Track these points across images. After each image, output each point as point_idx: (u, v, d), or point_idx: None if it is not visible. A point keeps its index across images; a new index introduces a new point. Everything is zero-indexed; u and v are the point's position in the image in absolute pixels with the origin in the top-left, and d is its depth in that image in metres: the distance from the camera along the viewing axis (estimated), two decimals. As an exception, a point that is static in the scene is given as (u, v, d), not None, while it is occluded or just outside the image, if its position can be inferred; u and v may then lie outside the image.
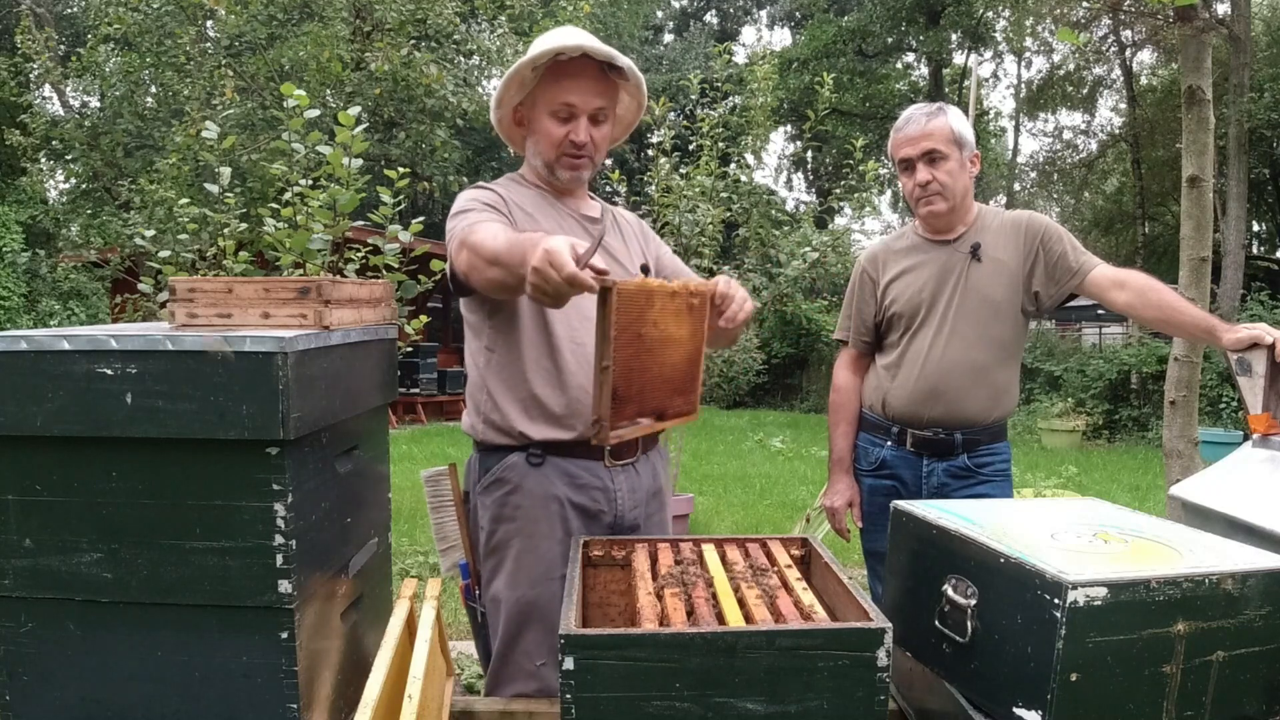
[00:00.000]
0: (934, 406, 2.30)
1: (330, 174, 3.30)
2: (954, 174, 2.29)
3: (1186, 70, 3.53)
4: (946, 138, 2.27)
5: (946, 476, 2.32)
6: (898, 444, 2.37)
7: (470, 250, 1.60)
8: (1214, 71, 3.97)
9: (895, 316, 2.38)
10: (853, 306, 2.51)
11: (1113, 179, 23.81)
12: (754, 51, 6.57)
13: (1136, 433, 12.19)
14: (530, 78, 1.79)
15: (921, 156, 2.28)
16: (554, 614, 1.76)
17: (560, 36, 1.78)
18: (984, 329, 2.30)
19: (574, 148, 1.81)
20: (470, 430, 1.90)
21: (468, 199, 1.80)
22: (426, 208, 13.87)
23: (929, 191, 2.29)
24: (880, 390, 2.40)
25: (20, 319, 15.07)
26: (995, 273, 2.31)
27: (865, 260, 2.51)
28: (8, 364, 1.31)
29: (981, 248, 2.32)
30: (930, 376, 2.29)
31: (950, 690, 1.37)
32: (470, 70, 8.97)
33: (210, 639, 1.34)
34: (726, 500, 7.65)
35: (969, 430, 2.31)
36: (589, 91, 1.78)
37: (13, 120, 9.18)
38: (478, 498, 1.86)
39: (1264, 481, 1.69)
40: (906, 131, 2.31)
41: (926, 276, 2.36)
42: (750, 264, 5.74)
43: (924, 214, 2.34)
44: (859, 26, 22.62)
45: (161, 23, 7.76)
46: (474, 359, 1.89)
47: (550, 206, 1.88)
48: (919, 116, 2.31)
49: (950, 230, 2.37)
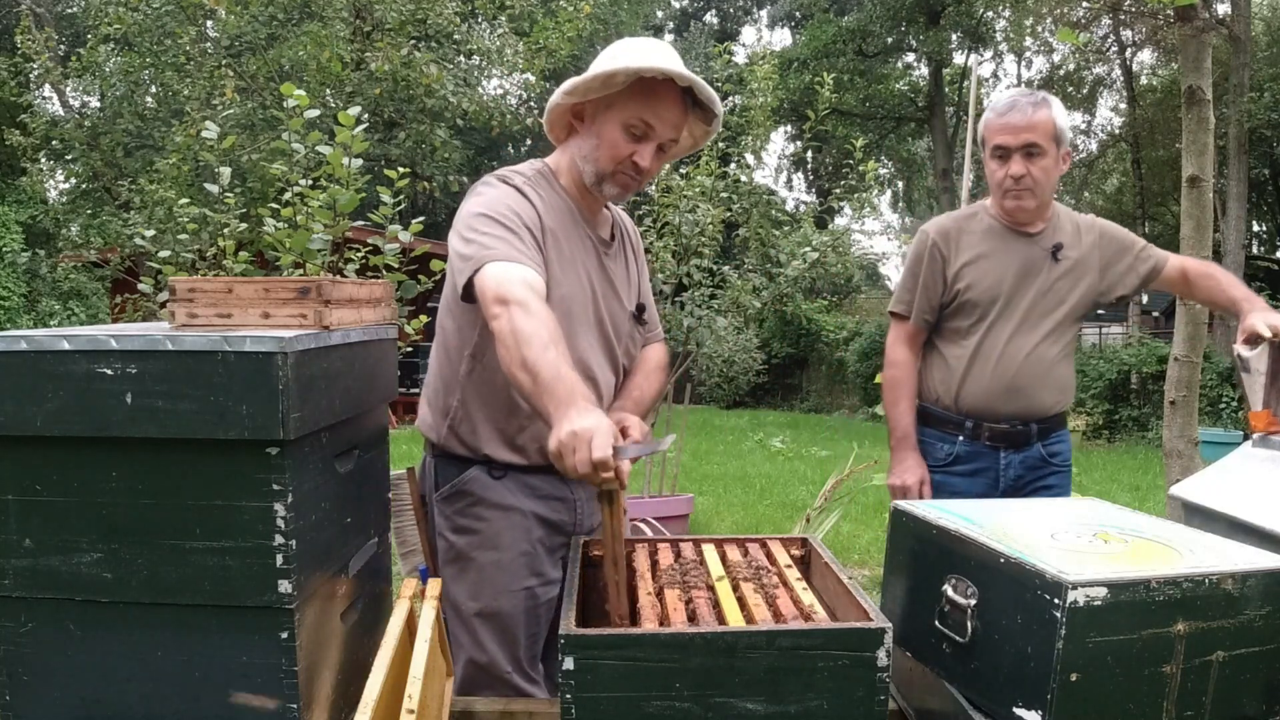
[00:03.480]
0: (1012, 401, 2.29)
1: (330, 174, 3.30)
2: (1048, 171, 2.24)
3: (1186, 70, 3.53)
4: (1049, 133, 2.21)
5: (1023, 469, 2.33)
6: (972, 438, 2.33)
7: (510, 333, 1.45)
8: (1214, 71, 3.97)
9: (969, 304, 2.32)
10: (918, 281, 2.39)
11: (1113, 179, 23.82)
12: (754, 51, 6.57)
13: (1136, 433, 12.18)
14: (619, 82, 1.65)
15: (1021, 148, 2.21)
16: (517, 624, 1.76)
17: (667, 58, 1.66)
18: (1055, 327, 2.31)
19: (634, 169, 1.71)
20: (430, 432, 1.84)
21: (502, 204, 1.66)
22: (426, 208, 13.87)
23: (1021, 186, 2.23)
24: (950, 383, 2.34)
25: (20, 319, 15.07)
26: (1074, 275, 2.32)
27: (935, 234, 2.39)
28: (8, 364, 1.31)
29: (1063, 249, 2.31)
30: (1008, 372, 2.28)
31: (950, 690, 1.37)
32: (470, 70, 8.96)
33: (210, 639, 1.34)
34: (726, 500, 7.65)
35: (1042, 421, 2.33)
36: (671, 121, 1.70)
37: (13, 120, 9.18)
38: (437, 505, 1.82)
39: (1264, 481, 1.69)
40: (1010, 119, 2.22)
41: (1006, 268, 2.31)
42: (750, 264, 5.74)
43: (1011, 207, 2.29)
44: (859, 26, 22.61)
45: (161, 23, 7.76)
46: (449, 359, 1.81)
47: (575, 226, 1.78)
48: (1024, 104, 2.22)
49: (1032, 224, 2.33)
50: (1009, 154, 2.23)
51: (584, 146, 1.74)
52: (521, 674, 1.77)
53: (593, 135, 1.72)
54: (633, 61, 1.62)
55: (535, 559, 1.79)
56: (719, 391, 14.94)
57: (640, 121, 1.68)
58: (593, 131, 1.72)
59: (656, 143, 1.70)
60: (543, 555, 1.80)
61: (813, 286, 7.96)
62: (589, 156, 1.73)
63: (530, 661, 1.80)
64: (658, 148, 1.72)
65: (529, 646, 1.79)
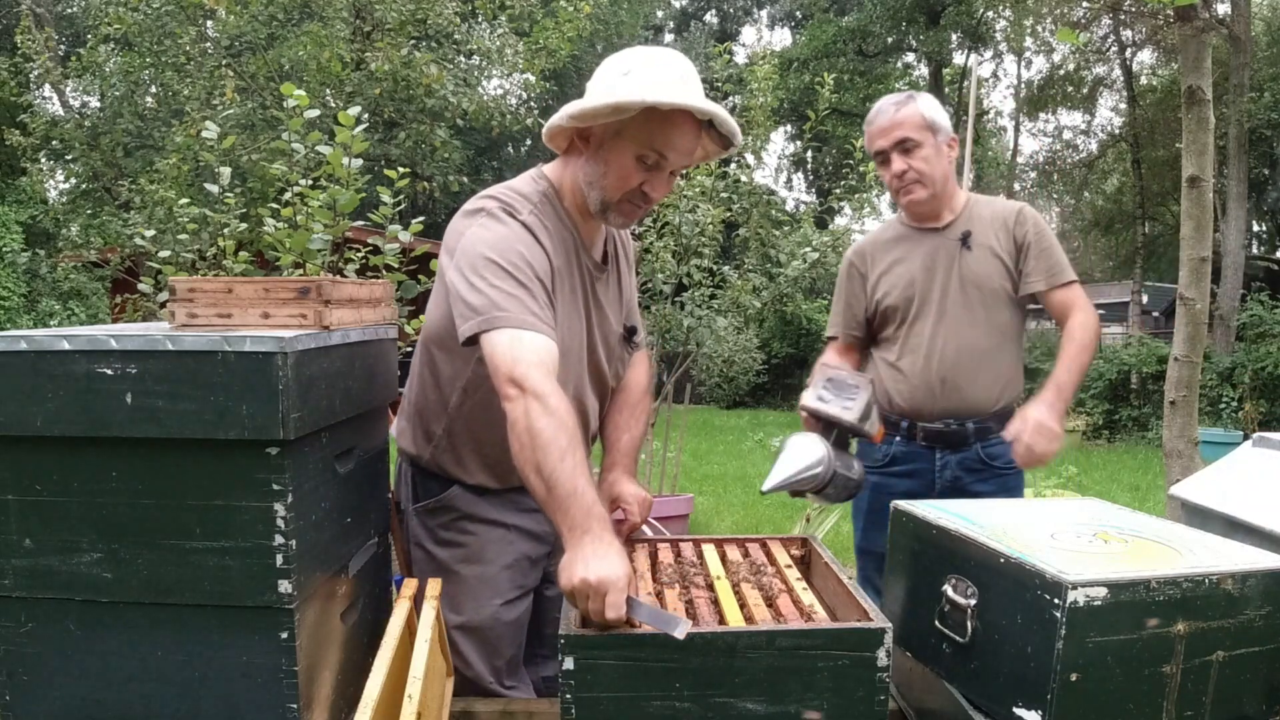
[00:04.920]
0: (943, 396, 2.27)
1: (330, 174, 3.30)
2: (930, 160, 2.25)
3: (1186, 70, 3.52)
4: (917, 124, 2.23)
5: (960, 470, 2.29)
6: (908, 438, 2.32)
7: (526, 430, 1.37)
8: (1214, 71, 3.97)
9: (889, 309, 2.35)
10: (842, 302, 2.46)
11: (1113, 179, 23.80)
12: (754, 52, 6.56)
13: (1136, 433, 12.18)
14: (632, 107, 1.52)
15: (895, 146, 2.24)
16: (500, 638, 1.75)
17: (684, 86, 1.55)
18: (982, 315, 2.28)
19: (643, 199, 1.62)
20: (410, 447, 1.80)
21: (513, 250, 1.53)
22: (426, 208, 13.85)
23: (906, 180, 2.26)
24: (883, 384, 2.35)
25: (20, 319, 15.06)
26: (986, 260, 2.29)
27: (852, 255, 2.47)
28: (8, 364, 1.31)
29: (972, 235, 2.30)
30: (935, 365, 2.27)
31: (950, 690, 1.37)
32: (470, 70, 8.95)
33: (210, 639, 1.34)
34: (726, 500, 7.65)
35: (979, 419, 2.28)
36: (685, 149, 1.60)
37: (13, 120, 9.17)
38: (417, 515, 1.80)
39: (1264, 481, 1.69)
40: (878, 123, 2.28)
41: (916, 265, 2.32)
42: (750, 264, 5.73)
43: (905, 203, 2.31)
44: (859, 26, 22.61)
45: (161, 23, 7.74)
46: (437, 386, 1.74)
47: (575, 257, 1.68)
48: (888, 107, 2.27)
49: (936, 217, 2.34)
50: (888, 155, 2.27)
51: (591, 172, 1.62)
52: (501, 685, 1.77)
53: (600, 162, 1.60)
54: (648, 93, 1.50)
55: (519, 572, 1.78)
56: (719, 391, 14.93)
57: (654, 151, 1.57)
58: (600, 158, 1.60)
59: (669, 170, 1.61)
60: (526, 567, 1.78)
61: (813, 286, 7.94)
62: (595, 183, 1.61)
63: (510, 670, 1.79)
64: (670, 173, 1.63)
65: (511, 657, 1.79)
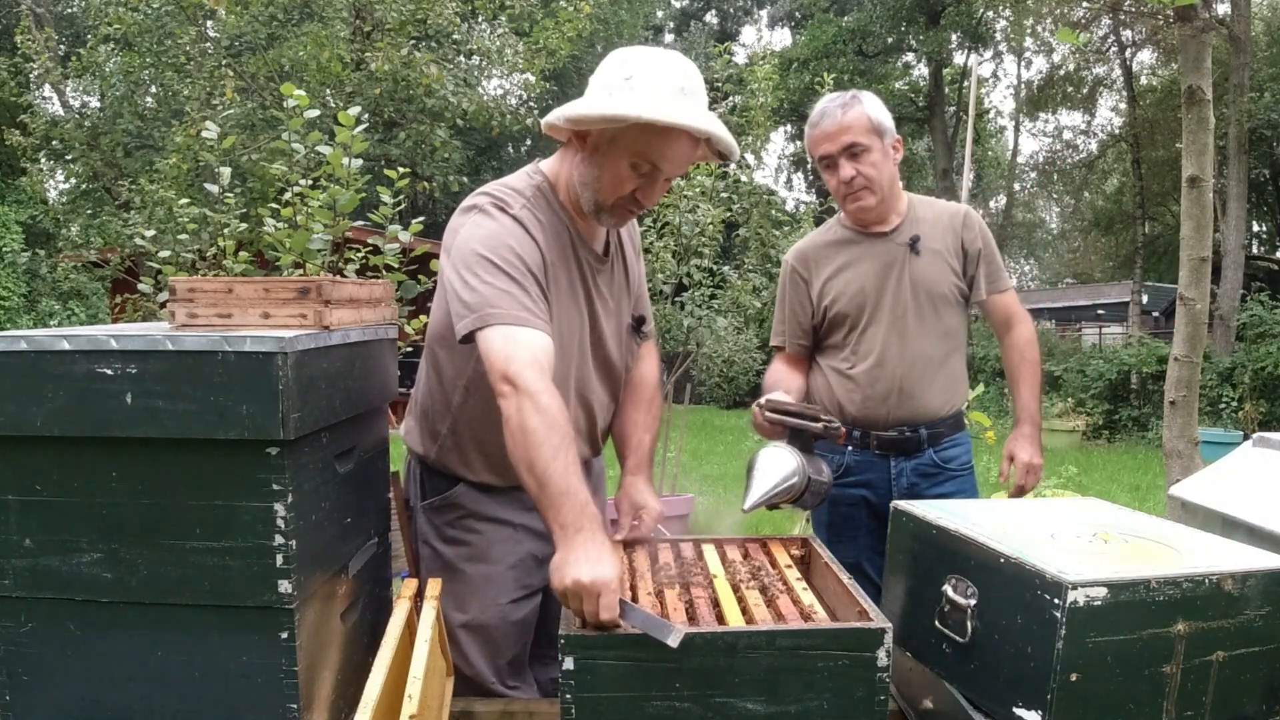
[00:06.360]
0: (898, 405, 2.22)
1: (330, 174, 3.30)
2: (878, 165, 2.19)
3: (1186, 70, 3.52)
4: (865, 128, 2.17)
5: (916, 476, 2.25)
6: (860, 447, 2.27)
7: (519, 428, 1.39)
8: (1214, 71, 3.97)
9: (838, 316, 2.28)
10: (786, 309, 2.38)
11: (1113, 179, 23.81)
12: (754, 52, 6.56)
13: (1136, 433, 12.19)
14: (626, 120, 1.54)
15: (842, 151, 2.18)
16: (504, 637, 1.76)
17: (684, 102, 1.57)
18: (933, 320, 2.25)
19: (635, 204, 1.65)
20: (417, 446, 1.82)
21: (504, 245, 1.56)
22: (426, 208, 13.86)
23: (855, 187, 2.19)
24: (834, 395, 2.28)
25: (20, 319, 15.07)
26: (935, 264, 2.26)
27: (793, 259, 2.38)
28: (8, 364, 1.31)
29: (920, 240, 2.26)
30: (889, 374, 2.22)
31: (950, 690, 1.37)
32: (470, 70, 8.96)
33: (210, 639, 1.34)
34: (726, 500, 7.64)
35: (932, 425, 2.26)
36: (681, 161, 1.62)
37: (13, 120, 9.18)
38: (424, 513, 1.81)
39: (1264, 481, 1.69)
40: (823, 127, 2.20)
41: (865, 272, 2.26)
42: (750, 264, 5.73)
43: (853, 209, 2.25)
44: (859, 26, 22.61)
45: (161, 23, 7.75)
46: (441, 385, 1.76)
47: (571, 249, 1.70)
48: (834, 110, 2.19)
49: (883, 222, 2.28)
50: (834, 160, 2.20)
51: (585, 174, 1.64)
52: (504, 685, 1.77)
53: (595, 165, 1.62)
54: (645, 110, 1.51)
55: (524, 572, 1.78)
56: (719, 391, 14.92)
57: (648, 161, 1.59)
58: (595, 161, 1.62)
59: (662, 178, 1.63)
60: (532, 567, 1.78)
61: (813, 286, 7.91)
62: (589, 184, 1.64)
63: (513, 671, 1.79)
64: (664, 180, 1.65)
65: (514, 657, 1.79)
